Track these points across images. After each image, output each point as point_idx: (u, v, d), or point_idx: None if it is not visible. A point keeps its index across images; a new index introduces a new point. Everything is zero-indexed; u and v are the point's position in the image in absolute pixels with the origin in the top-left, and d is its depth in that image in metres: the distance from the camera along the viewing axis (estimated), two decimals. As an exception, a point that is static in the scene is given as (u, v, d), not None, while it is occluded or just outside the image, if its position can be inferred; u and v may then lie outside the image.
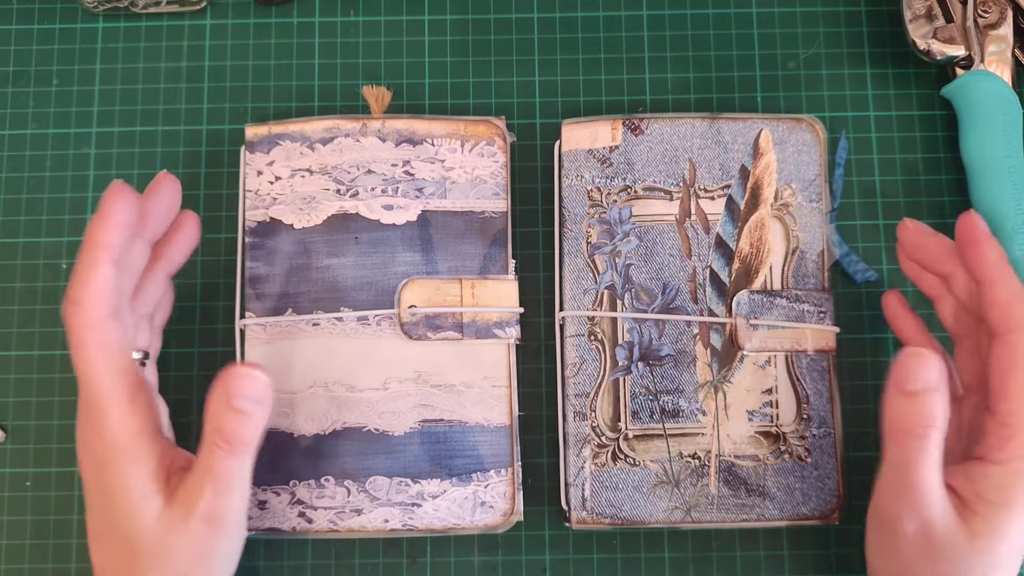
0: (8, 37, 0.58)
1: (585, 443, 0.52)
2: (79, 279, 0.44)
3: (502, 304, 0.53)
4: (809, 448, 0.52)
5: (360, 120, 0.55)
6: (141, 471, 0.45)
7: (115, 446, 0.45)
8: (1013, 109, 0.55)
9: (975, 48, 0.55)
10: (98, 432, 0.45)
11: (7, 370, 0.55)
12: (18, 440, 0.55)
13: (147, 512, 0.45)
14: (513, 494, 0.52)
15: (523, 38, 0.59)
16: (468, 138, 0.55)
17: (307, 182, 0.54)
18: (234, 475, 0.46)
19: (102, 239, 0.45)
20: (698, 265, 0.54)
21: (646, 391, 0.53)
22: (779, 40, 0.59)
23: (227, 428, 0.45)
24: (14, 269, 0.56)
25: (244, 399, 0.45)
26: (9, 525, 0.54)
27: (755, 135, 0.55)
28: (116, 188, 0.45)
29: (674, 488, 0.52)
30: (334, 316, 0.53)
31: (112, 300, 0.45)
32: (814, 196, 0.54)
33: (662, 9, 0.59)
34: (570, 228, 0.54)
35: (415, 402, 0.52)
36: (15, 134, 0.57)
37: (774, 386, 0.53)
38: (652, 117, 0.55)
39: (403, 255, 0.53)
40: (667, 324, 0.53)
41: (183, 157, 0.57)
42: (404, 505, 0.52)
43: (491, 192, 0.54)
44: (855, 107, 0.58)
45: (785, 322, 0.53)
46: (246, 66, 0.58)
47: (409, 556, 0.54)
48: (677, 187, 0.54)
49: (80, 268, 0.45)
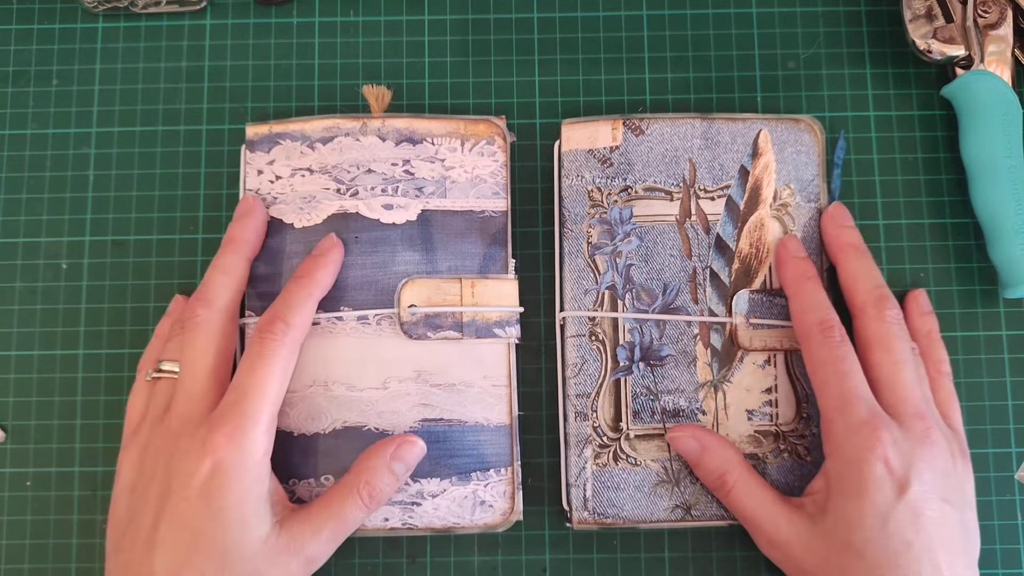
0: (8, 37, 0.58)
1: (586, 443, 0.52)
2: (291, 303, 0.50)
3: (502, 303, 0.53)
4: (809, 447, 0.52)
5: (360, 119, 0.55)
6: (261, 488, 0.47)
7: (248, 457, 0.46)
8: (1013, 109, 0.55)
9: (975, 48, 0.55)
10: (237, 438, 0.46)
11: (7, 370, 0.55)
12: (18, 440, 0.55)
13: (256, 530, 0.46)
14: (513, 493, 0.52)
15: (523, 38, 0.59)
16: (468, 137, 0.55)
17: (307, 181, 0.54)
18: (355, 525, 0.49)
19: (321, 280, 0.51)
20: (698, 265, 0.54)
21: (647, 391, 0.53)
22: (779, 40, 0.59)
23: (379, 486, 0.49)
24: (14, 269, 0.56)
25: (403, 464, 0.50)
26: (9, 525, 0.54)
27: (754, 135, 0.55)
28: (335, 240, 0.53)
29: (674, 487, 0.52)
30: (334, 315, 0.53)
31: (305, 334, 0.51)
32: (812, 196, 0.54)
33: (662, 9, 0.59)
34: (570, 228, 0.54)
35: (415, 401, 0.52)
36: (15, 134, 0.57)
37: (774, 385, 0.53)
38: (652, 117, 0.55)
39: (403, 254, 0.53)
40: (668, 324, 0.53)
41: (183, 157, 0.57)
42: (404, 504, 0.52)
43: (491, 191, 0.54)
44: (855, 107, 0.58)
45: (785, 322, 0.53)
46: (246, 66, 0.58)
47: (409, 556, 0.54)
48: (677, 187, 0.54)
49: (295, 295, 0.50)
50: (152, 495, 0.46)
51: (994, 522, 0.54)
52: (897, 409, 0.48)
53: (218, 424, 0.46)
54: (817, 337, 0.49)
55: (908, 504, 0.45)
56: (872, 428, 0.46)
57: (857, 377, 0.48)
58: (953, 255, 0.56)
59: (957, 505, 0.47)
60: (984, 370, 0.55)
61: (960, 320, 0.56)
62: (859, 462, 0.46)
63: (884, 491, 0.45)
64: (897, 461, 0.46)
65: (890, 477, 0.45)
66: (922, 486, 0.46)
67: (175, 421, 0.48)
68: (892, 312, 0.50)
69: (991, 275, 0.56)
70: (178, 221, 0.57)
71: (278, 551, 0.46)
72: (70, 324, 0.56)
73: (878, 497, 0.45)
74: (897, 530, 0.45)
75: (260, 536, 0.46)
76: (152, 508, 0.46)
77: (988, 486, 0.54)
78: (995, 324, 0.56)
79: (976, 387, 0.55)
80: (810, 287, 0.51)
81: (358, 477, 0.49)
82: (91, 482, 0.54)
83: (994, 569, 0.53)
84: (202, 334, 0.49)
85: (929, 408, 0.49)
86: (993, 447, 0.54)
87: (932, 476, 0.46)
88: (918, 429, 0.47)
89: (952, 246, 0.56)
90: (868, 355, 0.50)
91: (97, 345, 0.55)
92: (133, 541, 0.46)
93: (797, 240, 0.53)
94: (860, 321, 0.51)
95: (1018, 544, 0.54)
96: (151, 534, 0.45)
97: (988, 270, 0.56)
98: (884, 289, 0.51)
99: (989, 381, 0.55)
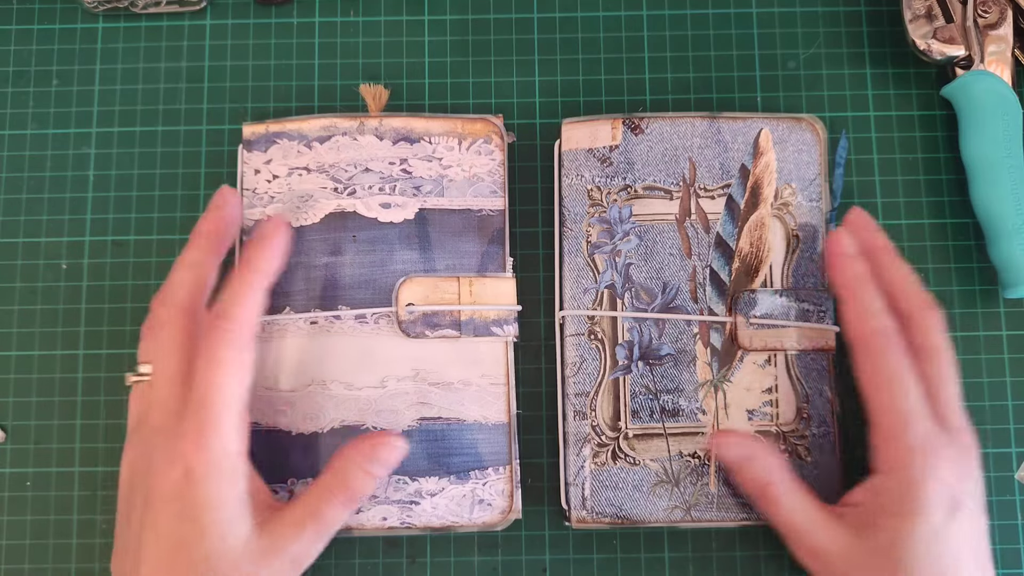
0: (8, 37, 0.59)
1: (585, 442, 0.52)
2: (234, 297, 0.48)
3: (500, 302, 0.53)
4: (809, 447, 0.52)
5: (357, 118, 0.55)
6: (235, 490, 0.46)
7: (217, 461, 0.45)
8: (1013, 109, 0.54)
9: (975, 48, 0.55)
10: (203, 444, 0.45)
11: (7, 370, 0.55)
12: (18, 440, 0.55)
13: (235, 533, 0.45)
14: (511, 492, 0.52)
15: (523, 38, 0.59)
16: (465, 136, 0.55)
17: (304, 180, 0.54)
18: (336, 525, 0.48)
19: (262, 266, 0.49)
20: (698, 264, 0.54)
21: (646, 390, 0.53)
22: (779, 40, 0.59)
23: (354, 485, 0.48)
24: (14, 269, 0.56)
25: (380, 465, 0.49)
26: (9, 525, 0.54)
27: (755, 134, 0.55)
28: (279, 222, 0.50)
29: (674, 487, 0.52)
30: (332, 314, 0.53)
31: (257, 324, 0.48)
32: (814, 195, 0.54)
33: (662, 9, 0.59)
34: (570, 227, 0.54)
35: (413, 400, 0.52)
36: (15, 134, 0.57)
37: (774, 385, 0.53)
38: (652, 116, 0.55)
39: (401, 253, 0.53)
40: (667, 323, 0.53)
41: (183, 157, 0.57)
42: (402, 503, 0.52)
43: (488, 190, 0.54)
44: (855, 107, 0.58)
45: (785, 321, 0.53)
46: (246, 66, 0.58)
47: (409, 556, 0.54)
48: (677, 186, 0.54)
49: (236, 287, 0.48)
50: (138, 501, 0.46)
51: (994, 522, 0.53)
52: (946, 421, 0.47)
53: (183, 431, 0.45)
54: (879, 347, 0.48)
55: (960, 523, 0.45)
56: (934, 448, 0.46)
57: (917, 393, 0.47)
58: (953, 255, 0.56)
59: (985, 513, 0.47)
60: (984, 370, 0.55)
61: (960, 320, 0.56)
62: (919, 482, 0.45)
63: (941, 512, 0.45)
64: (954, 481, 0.45)
65: (948, 498, 0.45)
66: (972, 503, 0.46)
67: (150, 428, 0.47)
68: (942, 321, 0.49)
69: (991, 275, 0.56)
70: (178, 221, 0.57)
71: (261, 553, 0.45)
72: (70, 324, 0.56)
73: (935, 518, 0.45)
74: (948, 549, 0.45)
75: (240, 540, 0.45)
76: (138, 515, 0.46)
77: (988, 486, 0.53)
78: (995, 324, 0.56)
79: (976, 387, 0.55)
80: (869, 290, 0.50)
81: (334, 478, 0.48)
82: (91, 482, 0.54)
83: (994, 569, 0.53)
84: (164, 336, 0.48)
85: (966, 417, 0.48)
86: (993, 447, 0.54)
87: (976, 491, 0.46)
88: (965, 443, 0.47)
89: (952, 246, 0.56)
90: (918, 363, 0.48)
91: (97, 345, 0.56)
92: (126, 545, 0.46)
93: (849, 237, 0.51)
94: (910, 328, 0.49)
95: (1018, 544, 0.53)
96: (137, 542, 0.45)
97: (988, 270, 0.56)
98: (929, 296, 0.50)
99: (989, 381, 0.55)
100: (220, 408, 0.45)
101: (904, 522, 0.45)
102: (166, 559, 0.44)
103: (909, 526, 0.45)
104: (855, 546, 0.46)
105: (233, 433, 0.46)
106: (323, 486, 0.48)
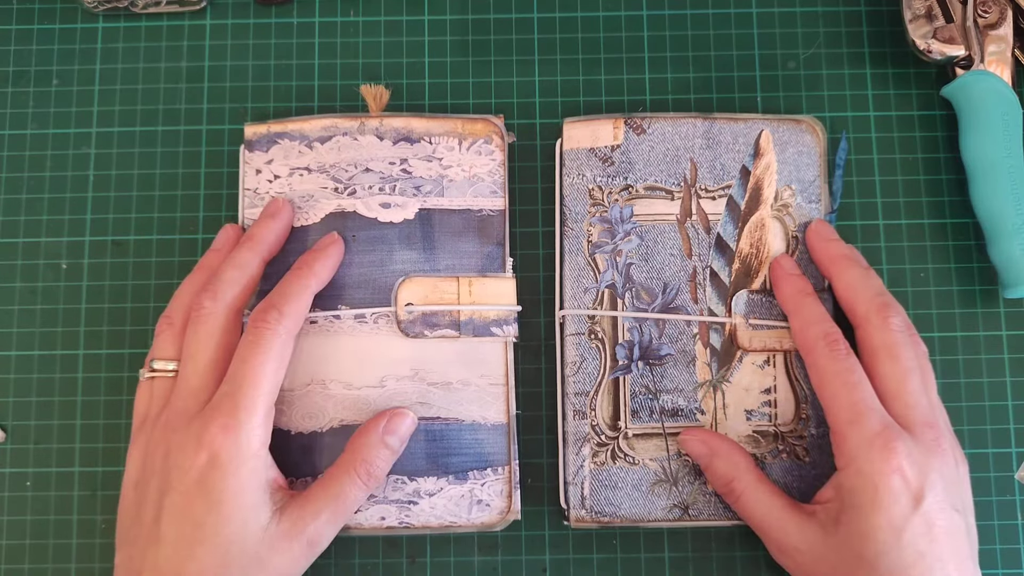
0: (8, 37, 0.59)
1: (584, 442, 0.52)
2: (288, 294, 0.50)
3: (500, 302, 0.53)
4: (807, 448, 0.52)
5: (358, 119, 0.55)
6: (259, 479, 0.47)
7: (245, 450, 0.46)
8: (1013, 109, 0.54)
9: (975, 48, 0.55)
10: (232, 430, 0.46)
11: (7, 370, 0.55)
12: (18, 440, 0.55)
13: (256, 520, 0.46)
14: (510, 492, 0.52)
15: (523, 38, 0.59)
16: (465, 136, 0.55)
17: (305, 180, 0.54)
18: (355, 505, 0.49)
19: (319, 271, 0.52)
20: (698, 265, 0.54)
21: (646, 390, 0.53)
22: (779, 40, 0.59)
23: (373, 461, 0.49)
24: (14, 269, 0.56)
25: (396, 437, 0.51)
26: (9, 525, 0.54)
27: (756, 135, 0.55)
28: (335, 237, 0.53)
29: (672, 486, 0.52)
30: (331, 314, 0.53)
31: (300, 326, 0.50)
32: (814, 197, 0.54)
33: (662, 9, 0.59)
34: (571, 227, 0.54)
35: (412, 400, 0.52)
36: (15, 134, 0.57)
37: (773, 386, 0.53)
38: (654, 116, 0.55)
39: (400, 253, 0.53)
40: (667, 323, 0.53)
41: (183, 157, 0.57)
42: (401, 503, 0.52)
43: (488, 190, 0.54)
44: (855, 107, 0.58)
45: (785, 322, 0.53)
46: (246, 66, 0.58)
47: (409, 556, 0.54)
48: (678, 187, 0.54)
49: (291, 285, 0.50)
50: (153, 490, 0.47)
51: (994, 522, 0.53)
52: (906, 418, 0.47)
53: (213, 416, 0.46)
54: (822, 350, 0.49)
55: (922, 516, 0.45)
56: (886, 441, 0.46)
57: (866, 389, 0.48)
58: (953, 255, 0.56)
59: (963, 512, 0.47)
60: (984, 370, 0.55)
61: (960, 320, 0.56)
62: (874, 475, 0.45)
63: (900, 504, 0.45)
64: (912, 473, 0.45)
65: (906, 490, 0.45)
66: (935, 497, 0.45)
67: (172, 415, 0.48)
68: (896, 320, 0.49)
69: (991, 275, 0.56)
70: (178, 221, 0.57)
71: (279, 537, 0.46)
72: (70, 324, 0.56)
73: (893, 510, 0.45)
74: (911, 542, 0.45)
75: (261, 525, 0.46)
76: (153, 503, 0.46)
77: (988, 486, 0.54)
78: (995, 324, 0.56)
79: (976, 387, 0.55)
80: (809, 302, 0.51)
81: (354, 455, 0.49)
82: (91, 482, 0.54)
83: (994, 569, 0.53)
84: (205, 327, 0.49)
85: (936, 415, 0.48)
86: (993, 447, 0.54)
87: (944, 486, 0.46)
88: (928, 439, 0.47)
89: (952, 246, 0.56)
90: (874, 365, 0.49)
91: (97, 345, 0.56)
92: (137, 536, 0.46)
93: (790, 258, 0.53)
94: (864, 331, 0.50)
95: (1018, 544, 0.53)
96: (153, 529, 0.46)
97: (988, 270, 0.56)
98: (886, 296, 0.50)
99: (989, 381, 0.55)
100: (255, 395, 0.47)
101: (863, 515, 0.45)
102: (186, 543, 0.45)
103: (869, 518, 0.45)
104: (823, 543, 0.47)
105: (262, 423, 0.47)
106: (344, 466, 0.49)
